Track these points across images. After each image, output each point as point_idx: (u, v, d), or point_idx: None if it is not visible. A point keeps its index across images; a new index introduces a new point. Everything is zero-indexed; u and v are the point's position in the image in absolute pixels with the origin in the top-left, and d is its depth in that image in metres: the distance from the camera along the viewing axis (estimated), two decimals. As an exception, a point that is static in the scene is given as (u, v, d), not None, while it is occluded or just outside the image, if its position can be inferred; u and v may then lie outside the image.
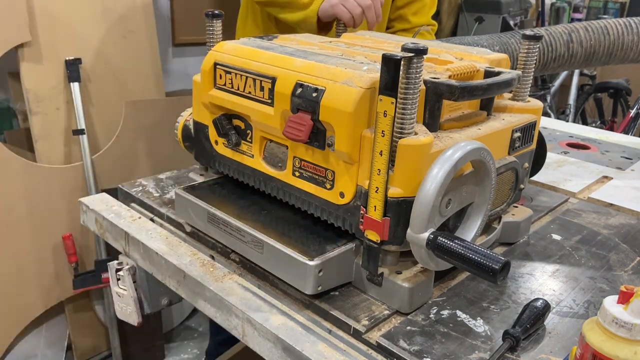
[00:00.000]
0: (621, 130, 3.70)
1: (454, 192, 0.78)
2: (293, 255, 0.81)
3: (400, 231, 0.76)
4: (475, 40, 1.41)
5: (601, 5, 4.76)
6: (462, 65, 0.88)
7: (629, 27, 1.39)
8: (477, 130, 0.85)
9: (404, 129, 0.72)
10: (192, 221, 0.99)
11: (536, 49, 0.96)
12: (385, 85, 0.70)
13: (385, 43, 1.04)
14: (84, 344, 2.28)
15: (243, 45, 0.94)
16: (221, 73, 0.93)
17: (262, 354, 0.81)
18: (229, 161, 0.98)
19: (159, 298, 1.11)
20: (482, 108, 0.93)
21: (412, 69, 0.69)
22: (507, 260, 0.69)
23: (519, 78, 0.89)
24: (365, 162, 0.77)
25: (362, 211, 0.78)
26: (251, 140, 0.93)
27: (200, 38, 2.46)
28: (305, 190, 0.85)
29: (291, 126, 0.80)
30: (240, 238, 0.89)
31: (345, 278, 0.85)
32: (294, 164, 0.86)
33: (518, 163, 0.94)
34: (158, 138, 2.26)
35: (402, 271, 0.81)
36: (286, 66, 0.84)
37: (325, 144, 0.79)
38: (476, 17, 3.64)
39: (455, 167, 0.72)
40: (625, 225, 1.13)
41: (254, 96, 0.88)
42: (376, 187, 0.74)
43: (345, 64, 0.81)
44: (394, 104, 0.70)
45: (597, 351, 0.61)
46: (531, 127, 0.97)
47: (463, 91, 0.76)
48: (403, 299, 0.80)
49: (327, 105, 0.76)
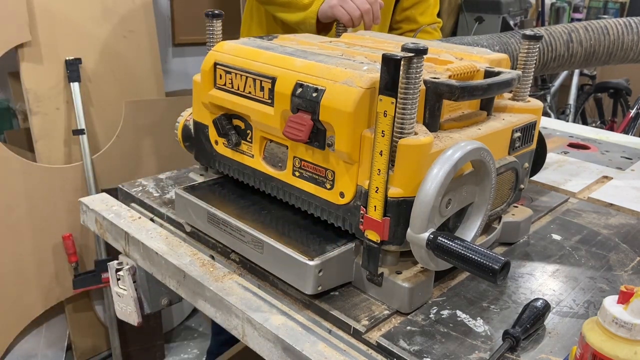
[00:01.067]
0: (621, 130, 3.70)
1: (454, 192, 0.78)
2: (293, 255, 0.81)
3: (400, 231, 0.76)
4: (475, 40, 1.41)
5: (601, 5, 4.76)
6: (462, 65, 0.88)
7: (629, 27, 1.39)
8: (477, 130, 0.85)
9: (404, 129, 0.72)
10: (192, 221, 0.99)
11: (536, 49, 0.96)
12: (385, 85, 0.70)
13: (386, 43, 1.04)
14: (84, 344, 2.28)
15: (243, 45, 0.94)
16: (221, 73, 0.93)
17: (262, 354, 0.81)
18: (229, 161, 0.98)
19: (159, 298, 1.11)
20: (482, 108, 0.93)
21: (412, 69, 0.69)
22: (507, 260, 0.69)
23: (519, 78, 0.89)
24: (365, 162, 0.77)
25: (362, 211, 0.78)
26: (251, 140, 0.92)
27: (200, 38, 2.47)
28: (305, 190, 0.85)
29: (291, 126, 0.80)
30: (240, 238, 0.89)
31: (345, 278, 0.85)
32: (294, 164, 0.86)
33: (518, 163, 0.94)
34: (158, 138, 2.26)
35: (402, 271, 0.81)
36: (286, 66, 0.84)
37: (325, 144, 0.79)
38: (476, 17, 3.64)
39: (455, 167, 0.72)
40: (625, 225, 1.13)
41: (254, 96, 0.88)
42: (376, 187, 0.74)
43: (345, 64, 0.80)
44: (394, 104, 0.70)
45: (597, 351, 0.61)
46: (531, 127, 0.97)
47: (463, 91, 0.76)
48: (403, 299, 0.80)
49: (327, 105, 0.77)
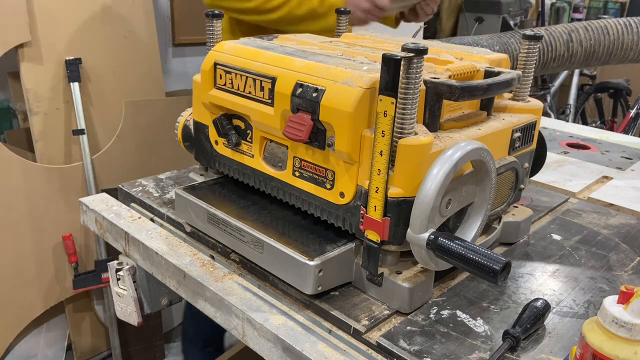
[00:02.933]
0: (621, 130, 3.70)
1: (454, 192, 0.78)
2: (293, 255, 0.81)
3: (400, 231, 0.76)
4: (475, 40, 1.41)
5: (601, 5, 4.77)
6: (462, 65, 0.88)
7: (629, 27, 1.39)
8: (477, 130, 0.85)
9: (404, 129, 0.72)
10: (192, 221, 0.99)
11: (536, 49, 0.96)
12: (386, 85, 0.70)
13: (386, 43, 1.04)
14: (84, 344, 2.28)
15: (243, 45, 0.94)
16: (221, 73, 0.93)
17: (262, 354, 0.81)
18: (229, 161, 0.98)
19: (159, 298, 1.11)
20: (482, 108, 0.92)
21: (412, 69, 0.69)
22: (508, 261, 0.69)
23: (519, 78, 0.89)
24: (365, 162, 0.77)
25: (362, 211, 0.78)
26: (251, 140, 0.92)
27: (200, 38, 2.48)
28: (305, 190, 0.85)
29: (291, 126, 0.80)
30: (240, 238, 0.89)
31: (345, 278, 0.85)
32: (294, 164, 0.86)
33: (518, 163, 0.94)
34: (158, 138, 2.26)
35: (402, 271, 0.81)
36: (286, 66, 0.84)
37: (325, 144, 0.79)
38: (476, 17, 3.64)
39: (455, 167, 0.72)
40: (625, 225, 1.13)
41: (254, 96, 0.88)
42: (376, 187, 0.74)
43: (345, 64, 0.80)
44: (394, 104, 0.70)
45: (597, 351, 0.61)
46: (531, 127, 0.97)
47: (463, 91, 0.76)
48: (403, 299, 0.80)
49: (327, 105, 0.76)
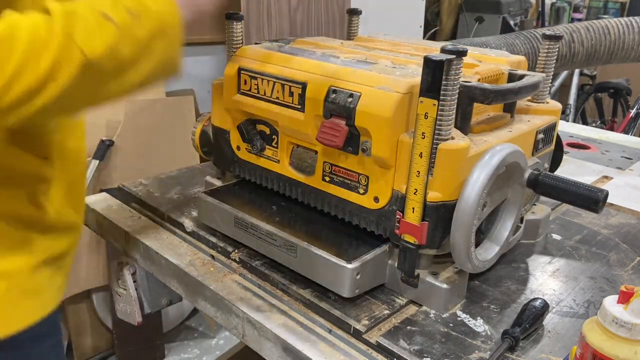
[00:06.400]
0: (621, 130, 3.69)
1: (489, 196, 0.78)
2: (330, 259, 0.79)
3: (438, 235, 0.76)
4: (483, 42, 1.40)
5: (601, 5, 4.76)
6: (490, 68, 0.88)
7: (630, 27, 1.39)
8: (508, 133, 0.85)
9: (441, 131, 0.72)
10: (216, 225, 0.97)
11: (556, 49, 0.95)
12: (427, 87, 0.70)
13: (400, 45, 1.04)
14: (84, 344, 2.28)
15: (267, 50, 0.92)
16: (246, 78, 0.91)
17: (262, 354, 0.81)
18: (252, 166, 0.96)
19: (159, 298, 1.11)
20: (505, 110, 0.92)
21: (452, 71, 0.69)
22: (607, 191, 0.80)
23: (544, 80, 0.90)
24: (402, 167, 0.76)
25: (398, 215, 0.77)
26: (277, 145, 0.91)
27: (201, 38, 2.47)
28: (336, 195, 0.84)
29: (325, 132, 0.79)
30: (272, 242, 0.87)
31: (378, 280, 0.84)
32: (324, 169, 0.85)
33: (541, 164, 0.94)
34: (158, 138, 2.26)
35: (439, 272, 0.82)
36: (317, 71, 0.83)
37: (359, 149, 0.79)
38: (476, 17, 3.64)
39: (496, 171, 0.73)
40: (625, 225, 1.13)
41: (283, 101, 0.86)
42: (415, 189, 0.74)
43: (377, 69, 0.80)
44: (435, 105, 0.70)
45: (597, 351, 0.61)
46: (552, 128, 0.96)
47: (497, 95, 0.76)
48: (440, 300, 0.80)
49: (364, 111, 0.76)
